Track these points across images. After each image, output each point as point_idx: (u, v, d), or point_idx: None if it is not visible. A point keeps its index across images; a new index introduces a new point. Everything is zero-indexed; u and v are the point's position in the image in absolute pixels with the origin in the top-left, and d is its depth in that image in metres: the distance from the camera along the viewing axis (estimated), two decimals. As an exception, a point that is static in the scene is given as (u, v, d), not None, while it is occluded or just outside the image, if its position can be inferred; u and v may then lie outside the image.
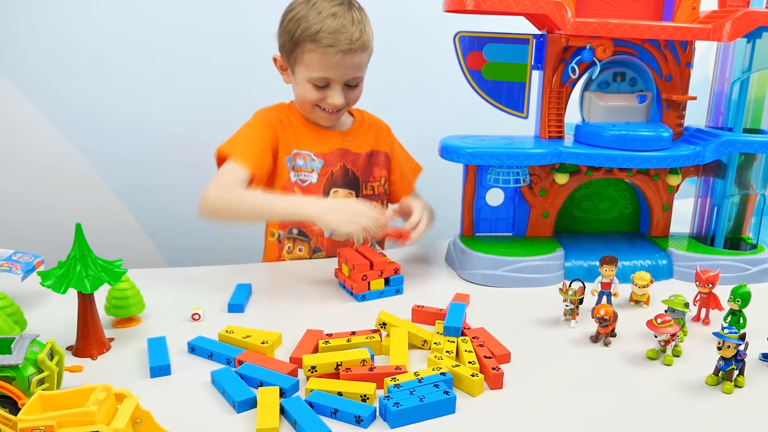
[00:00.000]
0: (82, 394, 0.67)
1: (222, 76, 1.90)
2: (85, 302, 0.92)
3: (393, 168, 1.46)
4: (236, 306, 1.08)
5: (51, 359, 0.78)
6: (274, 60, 1.35)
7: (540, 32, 1.30)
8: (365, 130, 1.42)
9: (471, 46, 1.27)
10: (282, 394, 0.81)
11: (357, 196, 1.39)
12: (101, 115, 1.87)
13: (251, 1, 1.87)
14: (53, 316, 1.02)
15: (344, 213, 1.14)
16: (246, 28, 1.88)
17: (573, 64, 1.25)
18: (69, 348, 0.93)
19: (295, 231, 1.37)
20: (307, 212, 1.17)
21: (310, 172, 1.34)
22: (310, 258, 1.38)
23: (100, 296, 0.97)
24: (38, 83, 1.81)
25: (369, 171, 1.41)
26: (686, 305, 1.01)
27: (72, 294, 0.91)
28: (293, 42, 1.26)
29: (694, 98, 1.30)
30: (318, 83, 1.27)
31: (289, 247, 1.37)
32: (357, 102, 1.36)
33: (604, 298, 1.11)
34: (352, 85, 1.31)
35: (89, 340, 0.92)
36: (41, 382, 0.76)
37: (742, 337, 0.86)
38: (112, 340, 0.96)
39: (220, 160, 1.29)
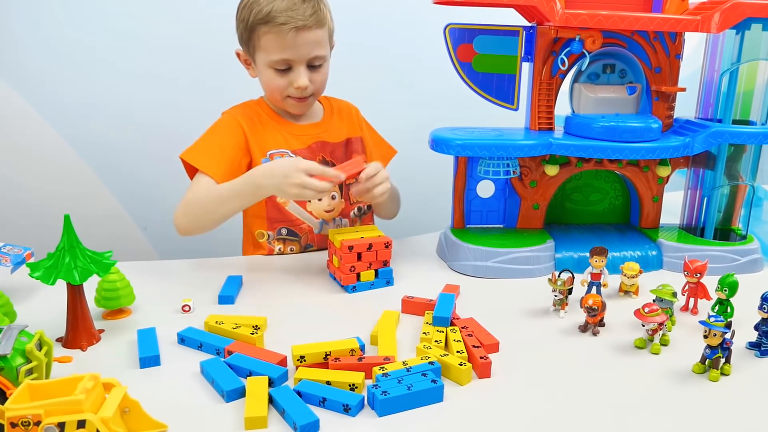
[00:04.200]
0: (70, 383, 0.67)
1: (214, 68, 1.90)
2: (75, 294, 0.92)
3: (368, 154, 1.44)
4: (226, 297, 1.09)
5: (40, 350, 0.78)
6: (237, 55, 1.32)
7: (530, 24, 1.30)
8: (337, 118, 1.39)
9: (461, 38, 1.27)
10: (271, 383, 0.82)
11: (340, 188, 1.37)
12: (92, 108, 1.86)
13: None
14: (43, 308, 1.03)
15: (275, 177, 1.14)
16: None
17: (563, 55, 1.25)
18: (59, 339, 0.93)
19: (284, 231, 1.35)
20: (252, 191, 1.18)
21: None
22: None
23: (90, 288, 0.97)
24: (29, 76, 1.80)
25: (349, 159, 1.37)
26: (674, 295, 1.02)
27: (62, 286, 0.91)
28: (249, 29, 1.24)
29: (684, 90, 1.30)
30: (279, 66, 1.25)
31: (279, 249, 1.36)
32: (324, 85, 1.32)
33: (594, 288, 1.12)
34: (315, 65, 1.27)
35: (79, 332, 0.92)
36: (30, 372, 0.76)
37: (729, 326, 0.87)
38: (102, 331, 0.97)
39: (188, 167, 1.29)
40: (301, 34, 1.21)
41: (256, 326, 0.95)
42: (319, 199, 1.33)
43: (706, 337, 0.86)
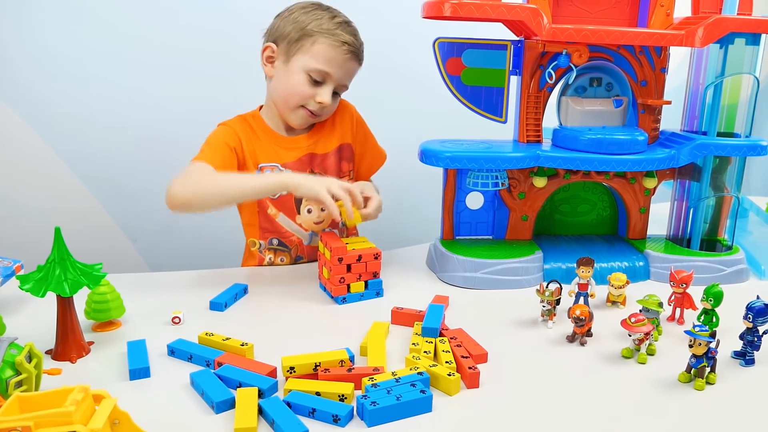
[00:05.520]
0: (60, 395, 0.67)
1: (204, 80, 1.91)
2: (65, 306, 0.92)
3: (357, 159, 1.44)
4: (217, 304, 1.10)
5: (29, 362, 0.78)
6: (264, 49, 1.32)
7: (517, 38, 1.32)
8: (330, 125, 1.39)
9: (450, 51, 1.29)
10: (261, 394, 0.82)
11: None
12: (82, 119, 1.86)
13: (232, 6, 1.88)
14: (33, 320, 1.03)
15: (321, 181, 1.16)
16: (226, 32, 1.88)
17: (550, 69, 1.27)
18: (48, 351, 0.93)
19: (275, 242, 1.36)
20: (285, 181, 1.17)
21: None
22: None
23: (80, 300, 0.97)
24: (18, 87, 1.81)
25: (338, 168, 1.39)
26: (660, 305, 1.03)
27: (51, 298, 0.91)
28: (303, 31, 1.26)
29: (669, 103, 1.32)
30: (315, 76, 1.27)
31: (270, 258, 1.37)
32: (332, 112, 1.36)
33: (581, 299, 1.13)
34: (337, 92, 1.32)
35: (68, 344, 0.92)
36: (19, 384, 0.76)
37: (713, 335, 0.88)
38: (91, 343, 0.97)
39: None
40: (349, 60, 1.30)
41: (244, 343, 0.95)
42: (309, 211, 1.34)
43: (691, 346, 0.88)
